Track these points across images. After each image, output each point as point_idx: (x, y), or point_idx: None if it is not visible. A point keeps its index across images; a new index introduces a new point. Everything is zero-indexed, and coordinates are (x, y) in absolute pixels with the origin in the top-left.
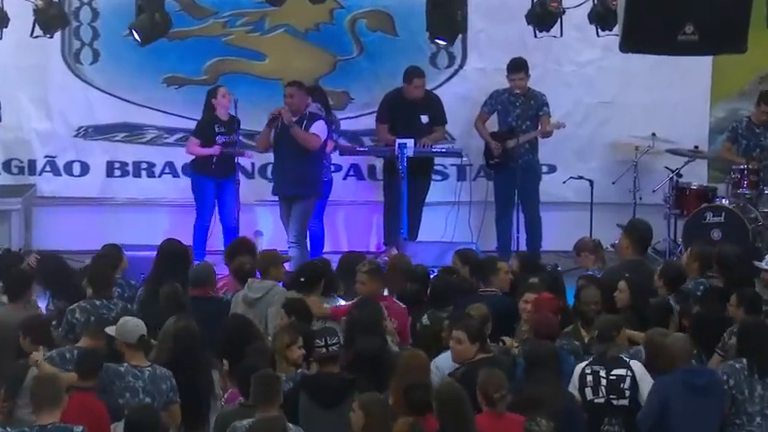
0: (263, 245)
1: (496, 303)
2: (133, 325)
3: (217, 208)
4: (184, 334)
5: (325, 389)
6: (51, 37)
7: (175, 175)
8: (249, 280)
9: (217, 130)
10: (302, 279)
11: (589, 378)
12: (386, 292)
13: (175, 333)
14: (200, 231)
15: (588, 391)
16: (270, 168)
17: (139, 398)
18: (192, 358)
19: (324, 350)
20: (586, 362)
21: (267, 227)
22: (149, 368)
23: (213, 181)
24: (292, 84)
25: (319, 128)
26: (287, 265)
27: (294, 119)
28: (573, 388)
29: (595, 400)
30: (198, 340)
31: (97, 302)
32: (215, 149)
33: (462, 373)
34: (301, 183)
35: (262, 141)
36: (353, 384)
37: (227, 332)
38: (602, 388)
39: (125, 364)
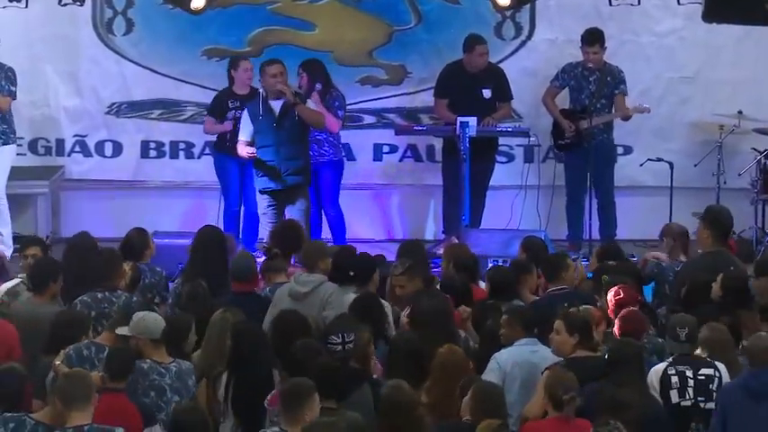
0: None
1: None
2: (153, 319)
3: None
4: (246, 330)
5: (330, 381)
6: (81, 5)
7: None
8: (296, 272)
9: (230, 105)
10: (352, 273)
11: (674, 379)
12: None
13: (236, 330)
14: (228, 217)
15: (674, 393)
16: None
17: (167, 396)
18: (255, 356)
19: (339, 348)
20: (667, 362)
21: None
22: (174, 364)
23: (236, 161)
24: (276, 61)
25: (316, 104)
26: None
27: (281, 100)
28: (651, 390)
29: (682, 403)
30: (261, 336)
31: (99, 295)
32: (226, 125)
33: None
34: (298, 171)
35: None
36: (363, 376)
37: (278, 330)
38: (690, 389)
39: (148, 361)
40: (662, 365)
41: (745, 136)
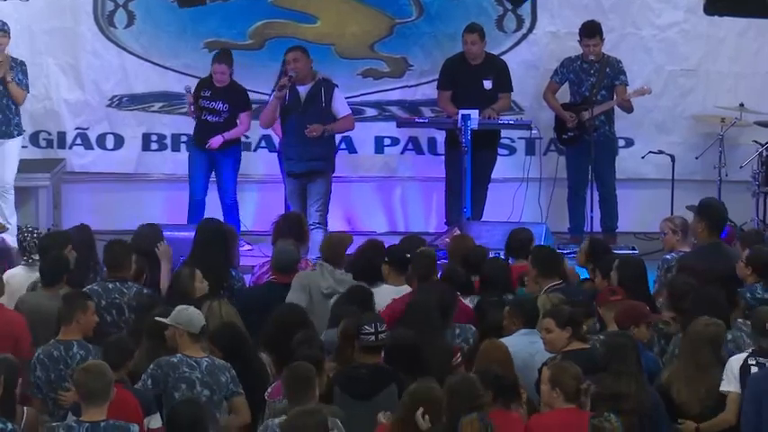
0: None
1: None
2: (196, 313)
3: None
4: (223, 329)
5: (358, 380)
6: None
7: None
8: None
9: (202, 93)
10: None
11: (754, 370)
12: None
13: (213, 330)
14: (193, 207)
15: None
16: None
17: (196, 389)
18: (240, 351)
19: (372, 338)
20: (747, 353)
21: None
22: (207, 359)
23: (205, 154)
24: (295, 48)
25: (343, 102)
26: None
27: (307, 86)
28: (731, 379)
29: None
30: (239, 331)
31: (110, 285)
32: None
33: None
34: (322, 157)
35: (269, 117)
36: (391, 376)
37: (278, 323)
38: None
39: (178, 355)
40: (742, 355)
41: (747, 128)
